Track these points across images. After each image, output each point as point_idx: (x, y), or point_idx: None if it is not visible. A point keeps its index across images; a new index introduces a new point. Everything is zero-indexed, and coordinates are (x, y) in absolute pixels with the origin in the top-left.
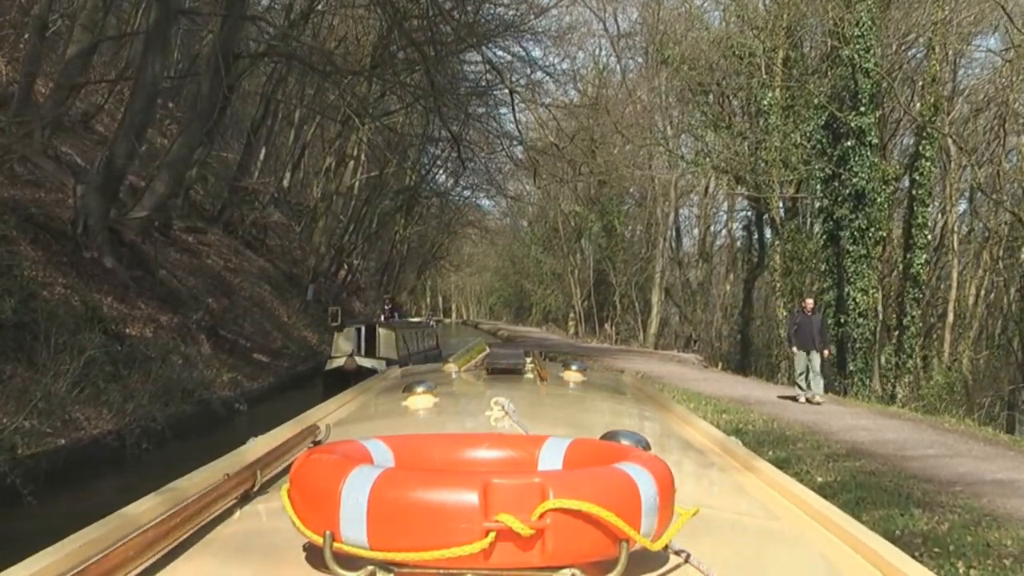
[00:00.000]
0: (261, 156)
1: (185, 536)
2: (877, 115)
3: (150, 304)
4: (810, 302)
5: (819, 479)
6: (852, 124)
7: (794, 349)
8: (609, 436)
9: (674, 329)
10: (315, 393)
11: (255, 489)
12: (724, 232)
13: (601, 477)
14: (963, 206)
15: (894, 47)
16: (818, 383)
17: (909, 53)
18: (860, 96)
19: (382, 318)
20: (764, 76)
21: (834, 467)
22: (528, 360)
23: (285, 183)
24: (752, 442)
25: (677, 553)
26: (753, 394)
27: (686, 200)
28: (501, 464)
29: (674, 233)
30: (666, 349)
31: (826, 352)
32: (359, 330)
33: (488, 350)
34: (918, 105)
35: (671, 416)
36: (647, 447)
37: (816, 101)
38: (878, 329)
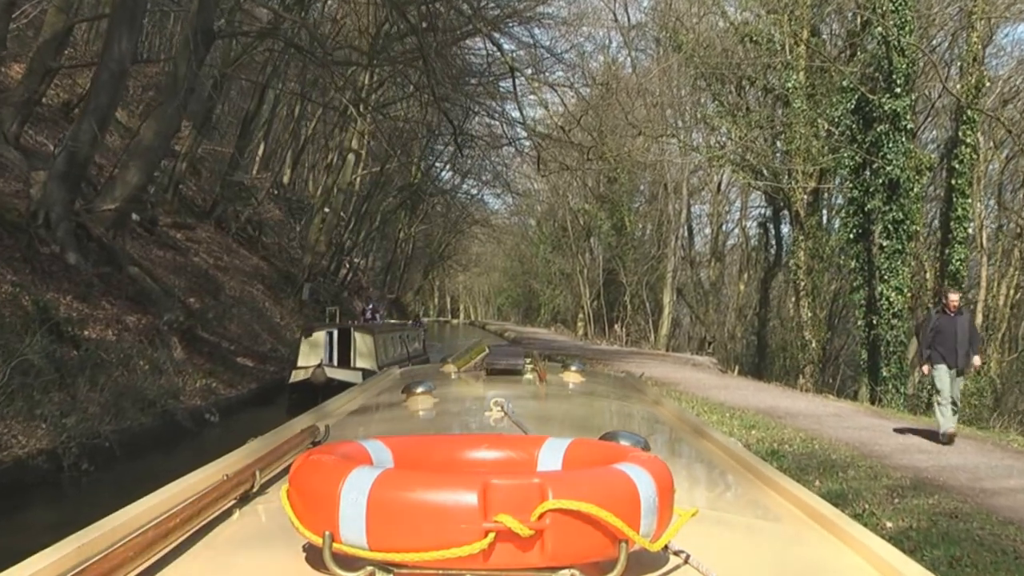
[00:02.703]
0: (260, 151)
1: (185, 536)
2: (914, 97)
3: (116, 304)
4: (955, 297)
5: (889, 524)
6: (886, 107)
7: (925, 367)
8: (608, 436)
9: (686, 330)
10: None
11: (254, 490)
12: (737, 231)
13: (600, 478)
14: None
15: (919, 32)
16: (948, 410)
17: (938, 38)
18: (895, 77)
19: (362, 319)
20: (788, 56)
21: (903, 506)
22: (527, 360)
23: (285, 179)
24: (793, 467)
25: (677, 554)
26: (780, 404)
27: (698, 197)
28: (500, 465)
29: (686, 231)
30: (678, 351)
31: (977, 360)
32: (330, 335)
33: (488, 350)
34: (959, 85)
35: (670, 416)
36: (646, 447)
37: (845, 83)
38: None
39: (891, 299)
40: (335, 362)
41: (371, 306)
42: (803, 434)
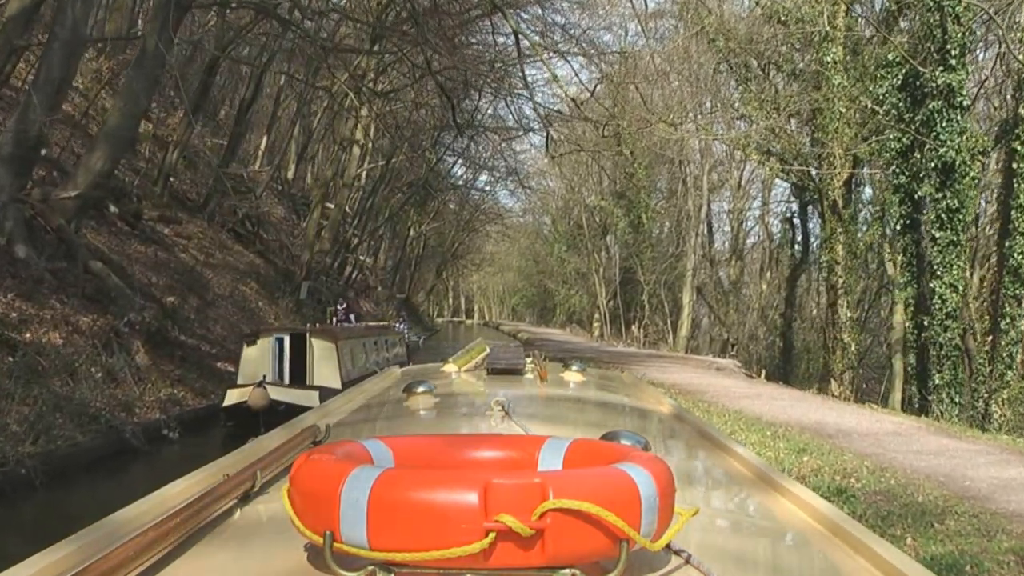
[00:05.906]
0: (263, 145)
1: (185, 536)
2: (971, 70)
3: (69, 303)
4: None
5: None
6: (939, 81)
7: None
8: (609, 436)
9: (705, 331)
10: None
11: (255, 489)
12: (758, 228)
13: (601, 477)
14: None
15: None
16: None
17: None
18: (948, 47)
19: (332, 321)
20: (827, 27)
21: None
22: (528, 360)
23: (289, 174)
24: (870, 515)
25: (677, 553)
26: (827, 419)
27: (718, 194)
28: (501, 464)
29: (706, 228)
30: (697, 353)
31: None
32: (279, 342)
33: (488, 350)
34: (1021, 56)
35: (670, 416)
36: (647, 447)
37: (892, 56)
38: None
39: (944, 297)
40: (285, 378)
41: (343, 305)
42: (868, 462)
